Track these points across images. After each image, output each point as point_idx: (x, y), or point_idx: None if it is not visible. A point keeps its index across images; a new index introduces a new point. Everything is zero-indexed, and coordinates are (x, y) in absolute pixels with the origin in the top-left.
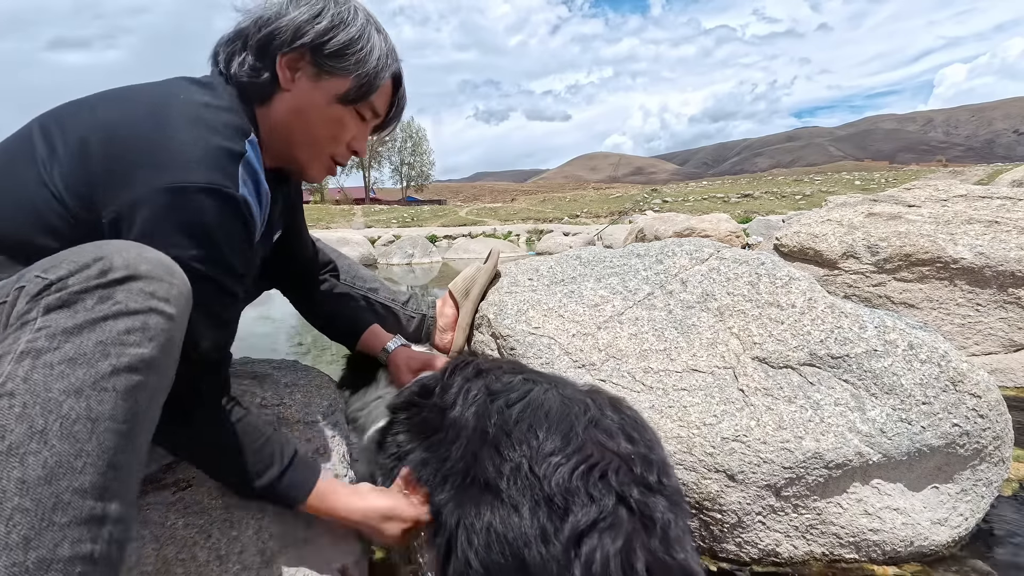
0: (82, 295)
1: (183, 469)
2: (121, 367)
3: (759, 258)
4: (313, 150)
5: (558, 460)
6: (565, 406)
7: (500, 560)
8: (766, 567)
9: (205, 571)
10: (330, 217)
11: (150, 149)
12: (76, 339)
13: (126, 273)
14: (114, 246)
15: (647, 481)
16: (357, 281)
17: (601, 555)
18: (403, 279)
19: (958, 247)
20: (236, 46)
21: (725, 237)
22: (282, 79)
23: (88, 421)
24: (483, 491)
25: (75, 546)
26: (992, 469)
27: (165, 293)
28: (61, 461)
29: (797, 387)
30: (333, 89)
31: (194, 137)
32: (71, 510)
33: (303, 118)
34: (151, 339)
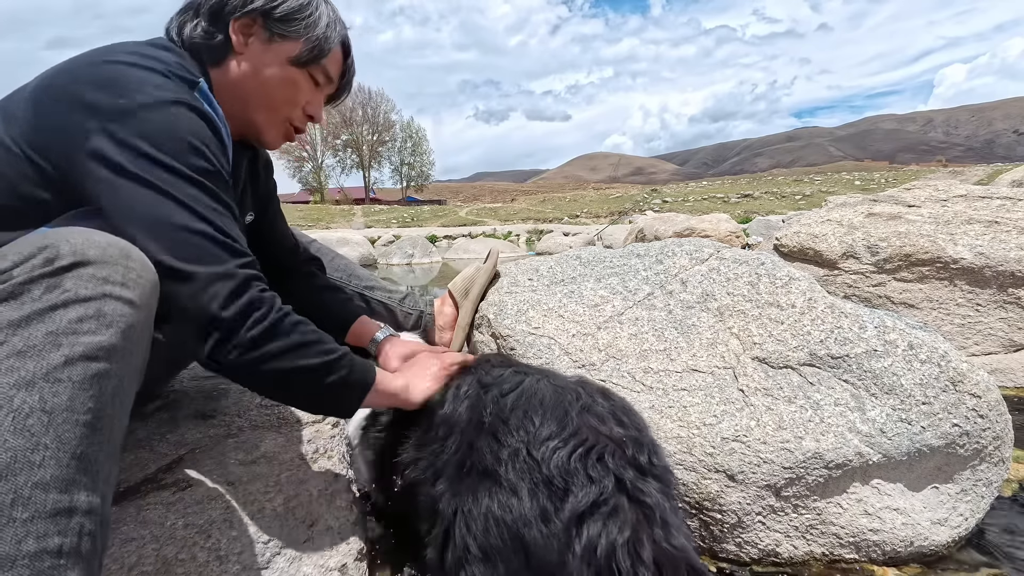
0: (27, 285)
1: (183, 469)
2: (75, 356)
3: (759, 258)
4: (269, 113)
5: (556, 444)
6: (558, 394)
7: (499, 543)
8: (766, 567)
9: (205, 571)
10: (330, 217)
11: (106, 78)
12: (24, 331)
13: (73, 260)
14: (60, 233)
15: (639, 462)
16: (353, 279)
17: (607, 542)
18: (403, 279)
19: (958, 247)
20: (188, 15)
21: (725, 237)
22: (235, 42)
23: (43, 414)
24: (481, 478)
25: (40, 540)
26: (992, 469)
27: (120, 277)
28: (16, 456)
29: (797, 387)
30: (285, 52)
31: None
32: (32, 505)
33: (258, 79)
34: (108, 325)
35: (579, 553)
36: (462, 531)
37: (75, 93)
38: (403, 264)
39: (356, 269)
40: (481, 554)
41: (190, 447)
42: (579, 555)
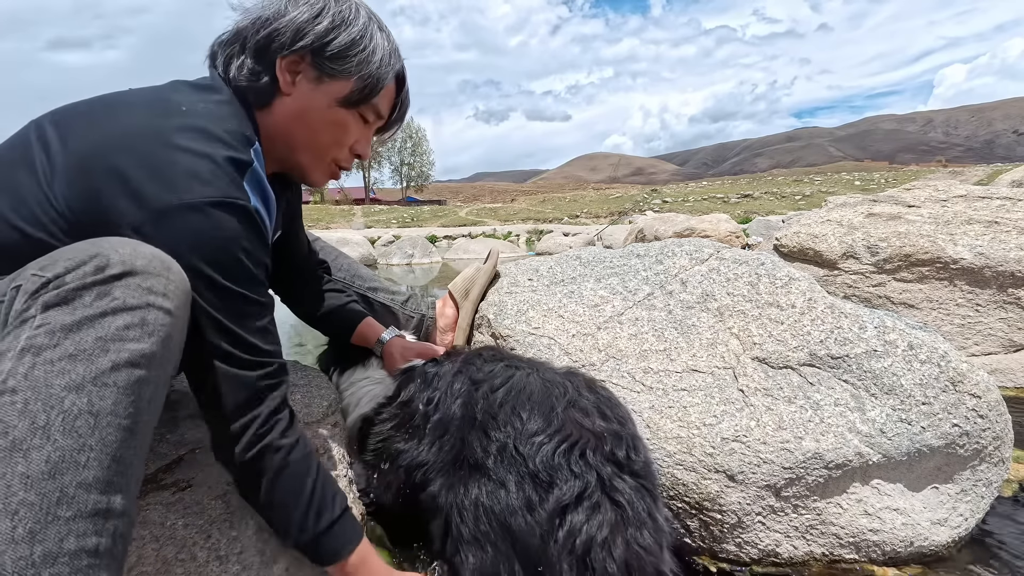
0: (80, 291)
1: (183, 469)
2: (121, 362)
3: (759, 258)
4: (315, 154)
5: (541, 440)
6: (546, 388)
7: (488, 530)
8: (766, 567)
9: (205, 571)
10: (330, 217)
11: (156, 165)
12: (75, 335)
13: (123, 269)
14: (110, 243)
15: (617, 458)
16: (356, 280)
17: (586, 536)
18: (403, 279)
19: (958, 247)
20: (235, 48)
21: (725, 237)
22: (282, 83)
23: (90, 416)
24: (472, 471)
25: (80, 539)
26: (992, 469)
27: (163, 288)
28: (64, 456)
29: (797, 387)
30: (335, 92)
31: (200, 150)
32: (76, 504)
33: (304, 122)
34: (150, 334)
35: (560, 541)
36: (456, 521)
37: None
38: (403, 264)
39: (359, 269)
40: (472, 540)
41: (190, 447)
42: (560, 542)
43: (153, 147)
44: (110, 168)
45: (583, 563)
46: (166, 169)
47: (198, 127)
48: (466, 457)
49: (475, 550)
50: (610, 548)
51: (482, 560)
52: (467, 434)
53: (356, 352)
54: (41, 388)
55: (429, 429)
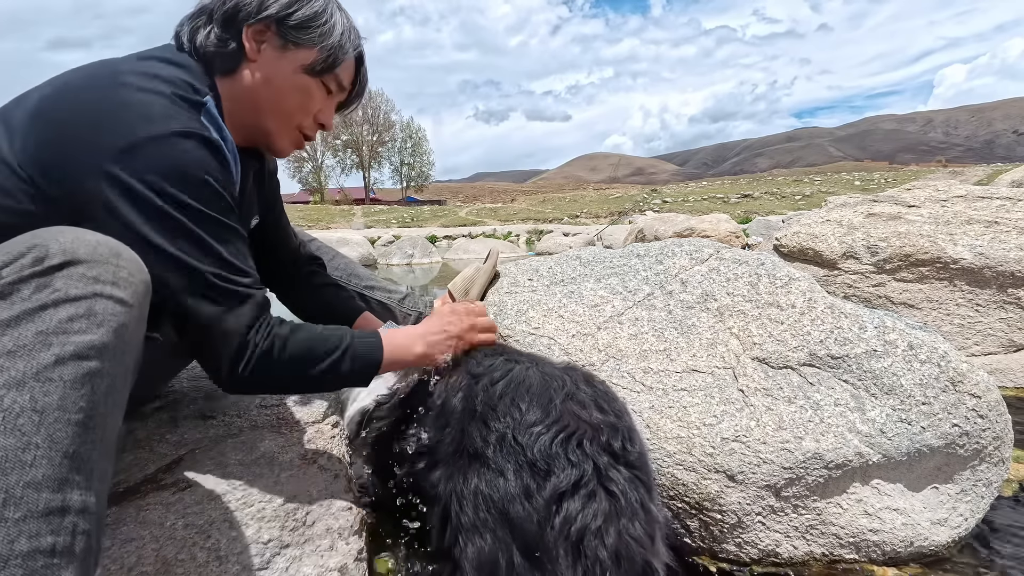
0: (17, 285)
1: (183, 469)
2: (66, 356)
3: (759, 258)
4: (281, 120)
5: (539, 430)
6: (545, 381)
7: (487, 517)
8: (766, 567)
9: (205, 571)
10: (330, 217)
11: (111, 108)
12: (14, 331)
13: (64, 259)
14: (49, 232)
15: (613, 448)
16: (353, 279)
17: (582, 523)
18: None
19: (958, 247)
20: (201, 20)
21: (725, 237)
22: (248, 49)
23: (34, 413)
24: (471, 460)
25: (33, 540)
26: (992, 469)
27: (111, 276)
28: (7, 456)
29: (797, 387)
30: (299, 59)
31: (153, 88)
32: (24, 504)
33: (271, 87)
34: (99, 324)
35: (557, 528)
36: (455, 508)
37: (79, 126)
38: (403, 264)
39: (356, 268)
40: (471, 527)
41: (190, 447)
42: (556, 529)
43: (106, 89)
44: (65, 113)
45: (577, 550)
46: (123, 108)
47: (150, 72)
48: (466, 447)
49: (474, 537)
50: (603, 537)
51: (481, 547)
52: (467, 425)
53: None
54: None
55: (430, 422)
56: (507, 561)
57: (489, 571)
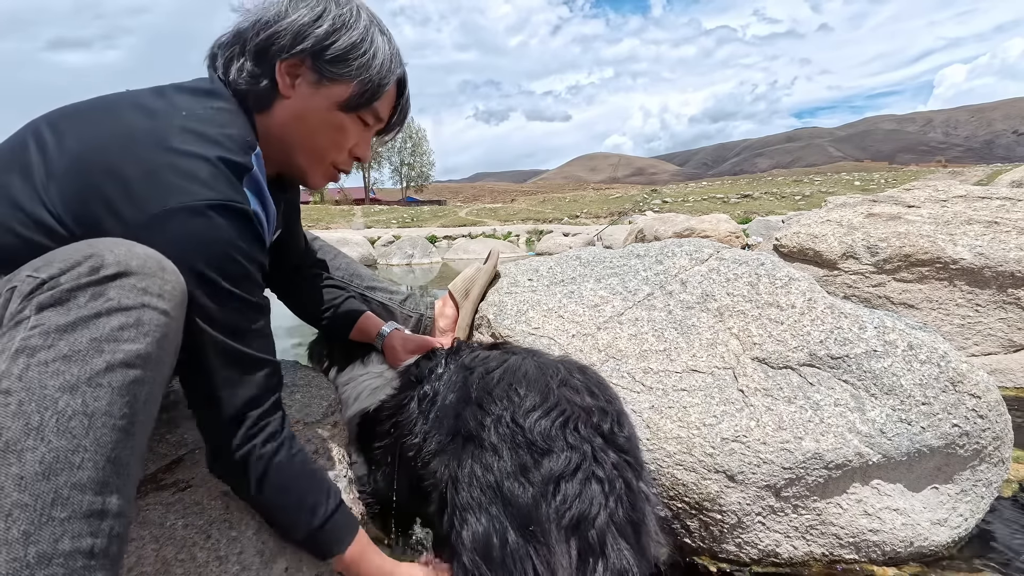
0: (74, 292)
1: (183, 470)
2: (116, 363)
3: (759, 258)
4: (314, 157)
5: (539, 414)
6: (540, 370)
7: (481, 497)
8: (766, 567)
9: (204, 571)
10: (330, 217)
11: (155, 168)
12: (70, 336)
13: (118, 270)
14: (104, 243)
15: (603, 430)
16: (354, 279)
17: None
18: (403, 280)
19: (958, 247)
20: (234, 50)
21: (725, 238)
22: (282, 86)
23: (84, 417)
24: (466, 442)
25: (75, 540)
26: (992, 470)
27: (158, 289)
28: (59, 457)
29: (797, 387)
30: (334, 96)
31: (198, 153)
32: (70, 505)
33: (303, 125)
34: (146, 335)
35: (554, 507)
36: (452, 492)
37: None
38: (403, 264)
39: (358, 268)
40: (467, 507)
41: (190, 447)
42: (553, 508)
43: (152, 149)
44: (107, 169)
45: (572, 529)
46: (164, 172)
47: (197, 131)
48: (459, 430)
49: (469, 517)
50: (593, 518)
51: (476, 526)
52: (463, 411)
53: (354, 348)
54: (35, 389)
55: (432, 419)
56: (501, 539)
57: (484, 549)
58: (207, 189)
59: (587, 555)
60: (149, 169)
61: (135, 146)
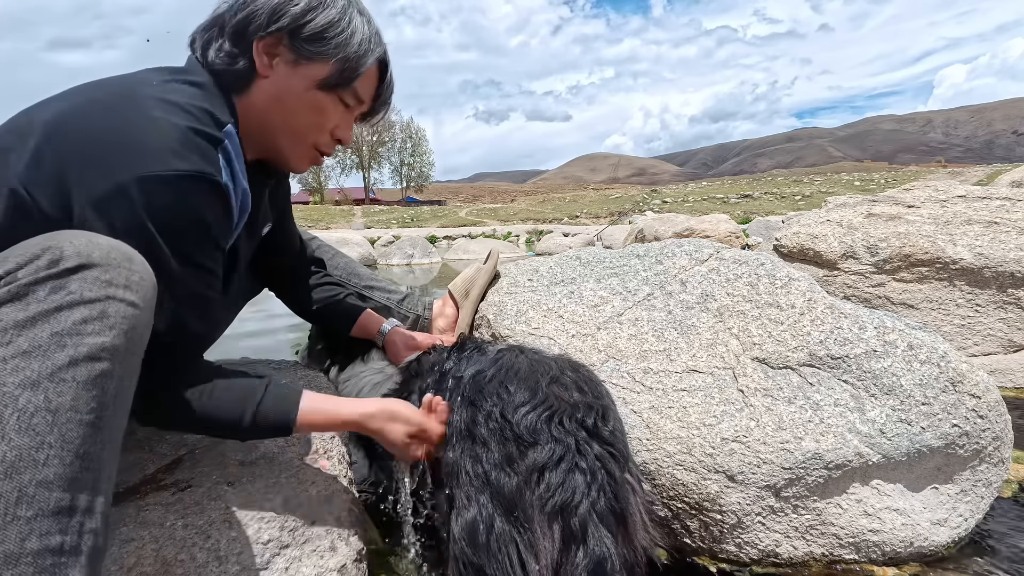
0: (33, 287)
1: (183, 470)
2: (80, 357)
3: (759, 259)
4: (294, 139)
5: (526, 410)
6: (532, 367)
7: (470, 486)
8: (766, 567)
9: (204, 571)
10: (330, 217)
11: (125, 136)
12: (29, 332)
13: (79, 262)
14: (63, 236)
15: (587, 424)
16: (353, 278)
17: (558, 493)
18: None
19: (957, 248)
20: (213, 32)
21: (725, 238)
22: (259, 65)
23: (47, 413)
24: (460, 436)
25: (43, 539)
26: (992, 470)
27: (124, 280)
28: (21, 455)
29: (797, 388)
30: (312, 74)
31: (170, 122)
32: (36, 503)
33: (282, 105)
34: (111, 327)
35: (537, 495)
36: (451, 483)
37: (85, 155)
38: (403, 265)
39: (356, 268)
40: (465, 499)
41: (190, 447)
42: (537, 496)
43: (122, 117)
44: (76, 139)
45: (554, 515)
46: (134, 140)
47: (170, 100)
48: (457, 425)
49: (461, 504)
50: (575, 506)
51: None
52: (459, 406)
53: (354, 346)
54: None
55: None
56: (487, 525)
57: (471, 535)
58: (178, 159)
59: (569, 541)
60: (119, 137)
61: (105, 115)
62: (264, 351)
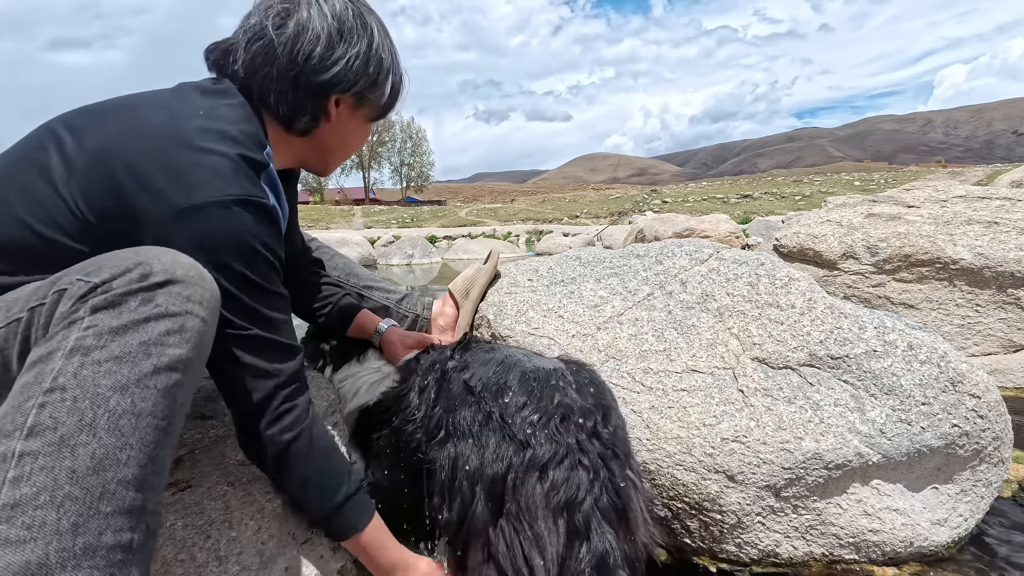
0: (126, 297)
1: (183, 470)
2: (162, 366)
3: (759, 259)
4: (344, 158)
5: (527, 412)
6: (533, 369)
7: (465, 483)
8: (766, 567)
9: (204, 572)
10: (330, 217)
11: (179, 166)
12: (122, 338)
13: (165, 277)
14: (152, 252)
15: (586, 425)
16: (351, 278)
17: (558, 493)
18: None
19: (957, 248)
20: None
21: (725, 238)
22: (333, 115)
23: (132, 416)
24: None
25: (117, 535)
26: (991, 470)
27: (199, 297)
28: (108, 453)
29: (797, 388)
30: (368, 114)
31: (221, 151)
32: (115, 500)
33: (343, 140)
34: (187, 340)
35: (544, 490)
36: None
37: (139, 183)
38: (403, 265)
39: (355, 268)
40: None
41: (190, 447)
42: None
43: (175, 147)
44: (129, 166)
45: (559, 512)
46: (188, 169)
47: (216, 130)
48: (456, 426)
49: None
50: (580, 503)
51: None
52: (458, 407)
53: (350, 346)
54: (89, 387)
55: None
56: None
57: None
58: (230, 185)
59: (573, 537)
60: (173, 167)
61: (157, 144)
62: None
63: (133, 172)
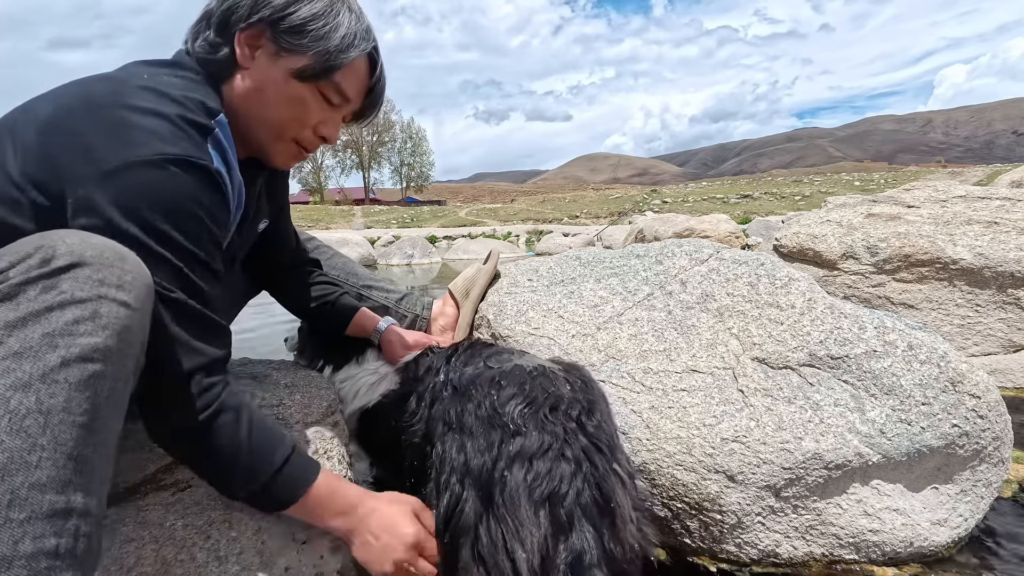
0: (24, 286)
1: (183, 470)
2: (72, 358)
3: (759, 259)
4: (273, 131)
5: (516, 402)
6: (523, 366)
7: (454, 475)
8: (766, 568)
9: (204, 572)
10: (330, 217)
11: (114, 124)
12: (20, 332)
13: (70, 260)
14: (57, 235)
15: (573, 416)
16: (351, 278)
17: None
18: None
19: (957, 248)
20: (202, 25)
21: (724, 238)
22: (240, 56)
23: (39, 415)
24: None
25: (37, 541)
26: (991, 470)
27: (117, 279)
28: (13, 457)
29: (797, 388)
30: (291, 65)
31: (160, 111)
32: (29, 505)
33: (261, 96)
34: (104, 327)
35: (528, 481)
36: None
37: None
38: (403, 265)
39: (354, 267)
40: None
41: None
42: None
43: (111, 108)
44: (68, 131)
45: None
46: (123, 127)
47: (158, 90)
48: (452, 421)
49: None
50: (562, 496)
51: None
52: (454, 404)
53: (349, 346)
54: None
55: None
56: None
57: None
58: (167, 144)
59: (557, 531)
60: (107, 126)
61: (95, 106)
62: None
63: (67, 138)
